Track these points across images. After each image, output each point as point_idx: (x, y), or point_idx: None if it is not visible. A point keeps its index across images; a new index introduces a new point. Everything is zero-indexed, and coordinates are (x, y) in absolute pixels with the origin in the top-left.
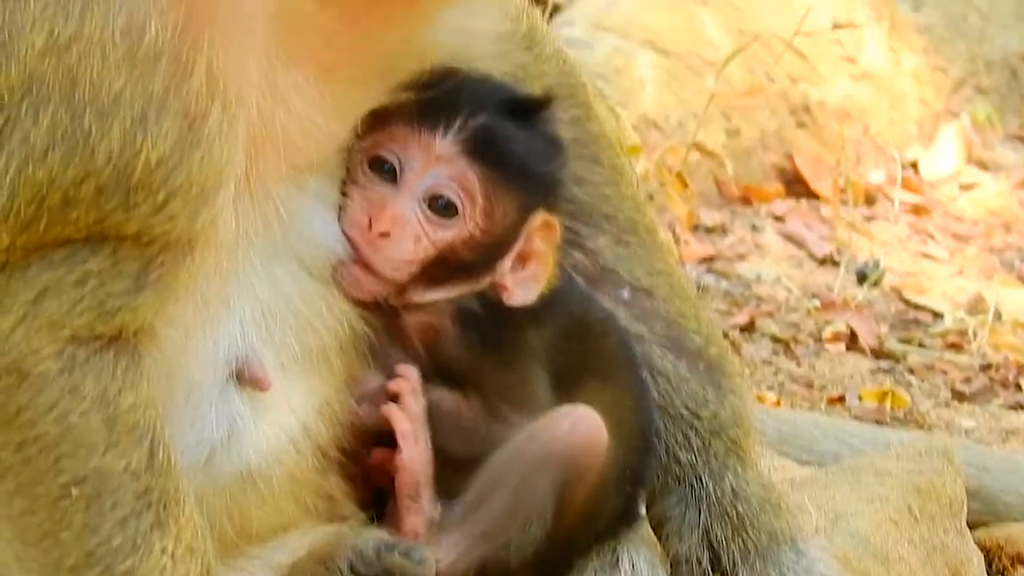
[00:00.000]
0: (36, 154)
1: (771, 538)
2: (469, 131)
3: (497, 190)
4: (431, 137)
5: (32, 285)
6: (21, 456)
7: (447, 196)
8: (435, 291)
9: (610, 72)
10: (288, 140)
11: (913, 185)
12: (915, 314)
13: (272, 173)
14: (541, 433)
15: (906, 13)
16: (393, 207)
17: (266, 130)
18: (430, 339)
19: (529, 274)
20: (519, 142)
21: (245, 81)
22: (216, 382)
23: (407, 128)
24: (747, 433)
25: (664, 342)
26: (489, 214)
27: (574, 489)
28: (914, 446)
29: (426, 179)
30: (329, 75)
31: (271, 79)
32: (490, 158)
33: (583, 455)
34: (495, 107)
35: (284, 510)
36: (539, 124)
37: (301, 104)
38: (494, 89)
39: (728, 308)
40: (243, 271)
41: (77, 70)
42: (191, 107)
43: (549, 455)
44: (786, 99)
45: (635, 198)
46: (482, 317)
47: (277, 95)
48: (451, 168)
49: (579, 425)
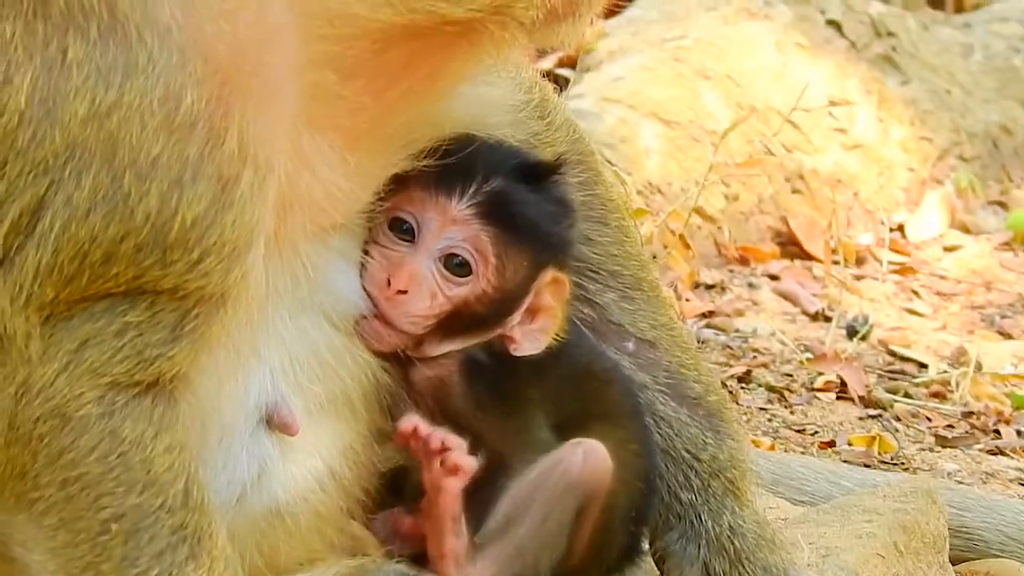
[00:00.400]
0: (79, 214)
1: (766, 572)
2: (483, 195)
3: (509, 250)
4: (447, 201)
5: (75, 335)
6: (64, 494)
7: (461, 256)
8: (449, 343)
9: (617, 141)
10: (314, 202)
11: (900, 247)
12: (901, 365)
13: (299, 233)
14: (560, 463)
15: (894, 87)
16: (411, 265)
17: (293, 193)
18: (439, 392)
19: (538, 327)
20: (530, 205)
21: (274, 148)
22: (247, 426)
23: (425, 192)
24: (743, 474)
25: (666, 390)
26: (501, 272)
27: (587, 513)
28: (900, 487)
29: (442, 240)
30: (353, 144)
31: (298, 146)
32: (502, 220)
33: (594, 482)
34: (508, 172)
35: (310, 545)
36: (550, 187)
37: (326, 170)
38: (507, 155)
39: (726, 360)
40: (272, 323)
41: (117, 136)
42: (224, 171)
43: (568, 483)
44: (782, 167)
45: (640, 257)
46: (487, 369)
47: (304, 161)
48: (465, 230)
49: (590, 456)
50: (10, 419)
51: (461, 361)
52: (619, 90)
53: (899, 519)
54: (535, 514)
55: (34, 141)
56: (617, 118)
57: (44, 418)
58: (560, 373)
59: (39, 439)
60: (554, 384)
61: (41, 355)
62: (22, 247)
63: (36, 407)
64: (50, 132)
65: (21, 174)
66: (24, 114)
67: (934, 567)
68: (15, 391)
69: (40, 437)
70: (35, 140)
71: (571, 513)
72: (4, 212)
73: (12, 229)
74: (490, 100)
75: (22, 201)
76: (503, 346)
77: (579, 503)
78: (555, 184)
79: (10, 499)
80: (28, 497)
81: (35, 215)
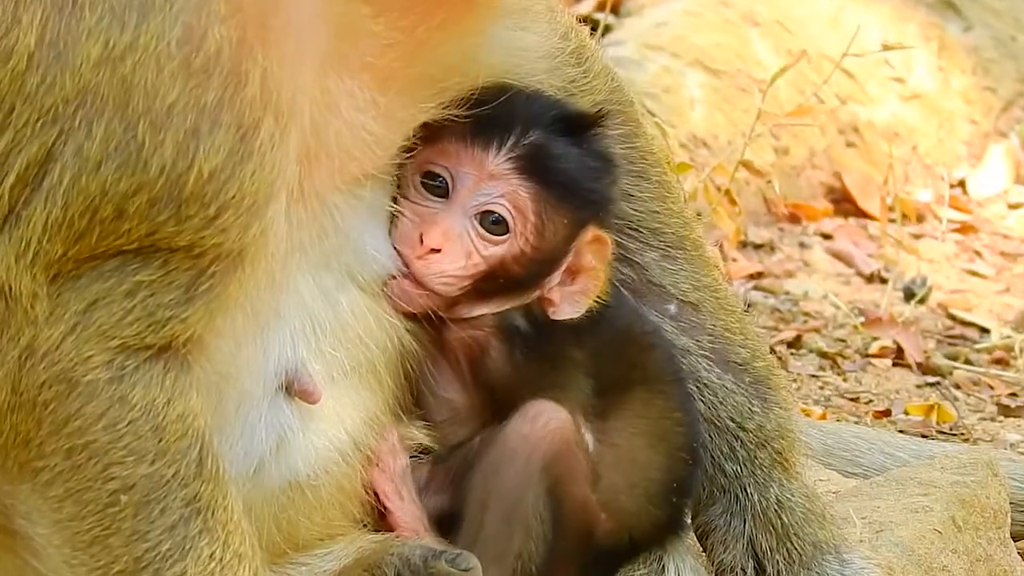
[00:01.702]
0: (89, 166)
1: (815, 548)
2: (522, 148)
3: (548, 207)
4: (484, 154)
5: (83, 296)
6: (70, 463)
7: (498, 213)
8: (484, 305)
9: (659, 91)
10: (342, 149)
11: (961, 204)
12: (961, 330)
13: (324, 185)
14: (506, 443)
15: (955, 34)
16: (444, 223)
17: (319, 140)
18: (474, 354)
19: (578, 288)
20: (571, 160)
21: (299, 91)
22: (266, 394)
23: (460, 144)
24: (792, 445)
25: (710, 355)
26: (540, 231)
27: (562, 481)
28: (959, 458)
29: (478, 196)
30: (383, 84)
31: (325, 88)
32: (542, 176)
33: (553, 446)
34: (548, 124)
35: (331, 520)
36: (591, 141)
37: (355, 113)
38: (547, 106)
39: (775, 324)
40: (294, 283)
41: (132, 81)
42: (244, 119)
43: (520, 459)
44: (835, 118)
45: (682, 214)
46: (526, 333)
47: (331, 104)
48: (503, 185)
49: (538, 419)
50: (13, 384)
51: (498, 323)
52: (662, 36)
53: (958, 492)
54: (496, 504)
55: (43, 86)
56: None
57: (49, 383)
58: (599, 337)
59: (44, 405)
60: (593, 349)
61: (47, 316)
62: (29, 201)
63: (41, 371)
64: (60, 76)
65: (28, 122)
66: (33, 56)
67: (995, 543)
68: (19, 354)
69: (45, 403)
70: (44, 85)
71: (537, 487)
72: (10, 163)
73: (18, 182)
74: (525, 45)
75: (29, 152)
76: (541, 309)
77: (544, 475)
78: (596, 137)
79: (13, 469)
80: (32, 467)
81: (43, 167)
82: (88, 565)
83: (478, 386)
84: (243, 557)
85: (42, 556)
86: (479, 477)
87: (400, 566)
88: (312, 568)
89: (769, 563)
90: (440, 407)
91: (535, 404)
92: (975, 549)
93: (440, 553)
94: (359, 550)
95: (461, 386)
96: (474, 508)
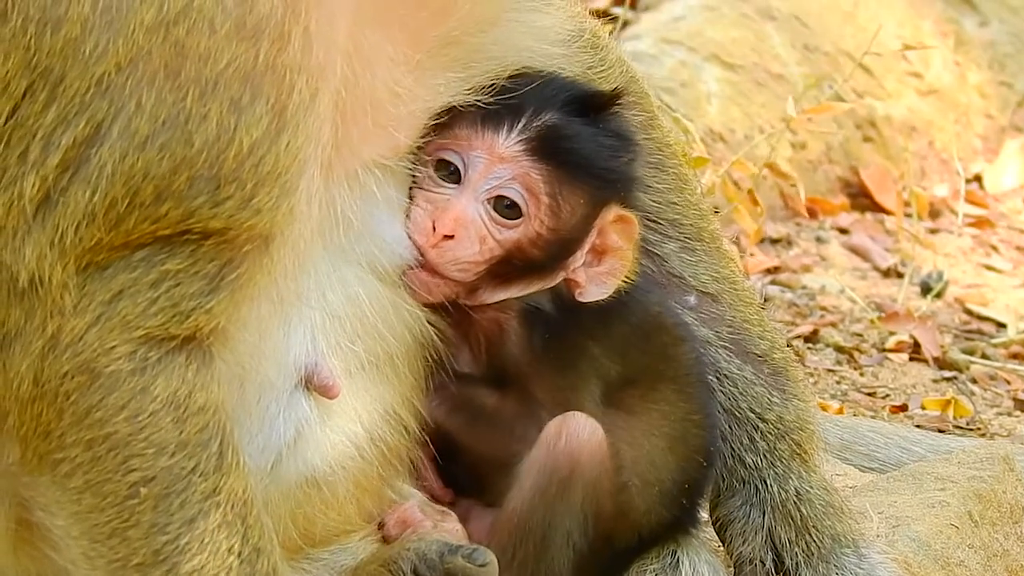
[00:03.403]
0: (136, 142)
1: (834, 541)
2: (533, 130)
3: (563, 188)
4: (494, 137)
5: (109, 286)
6: (90, 454)
7: (511, 196)
8: (506, 289)
9: (676, 85)
10: (376, 102)
11: (977, 199)
12: (978, 325)
13: (356, 154)
14: (545, 463)
15: (971, 29)
16: (456, 209)
17: (352, 94)
18: (494, 337)
19: (605, 269)
20: (585, 138)
21: (332, 46)
22: (286, 387)
23: (471, 129)
24: (811, 437)
25: (730, 346)
26: (555, 212)
27: (596, 496)
28: (975, 453)
29: (489, 180)
30: (416, 41)
31: (359, 43)
32: (554, 156)
33: (586, 460)
34: (561, 104)
35: (347, 516)
36: (607, 120)
37: (389, 65)
38: (560, 87)
39: (792, 318)
40: (314, 276)
41: (185, 45)
42: (282, 85)
43: (560, 479)
44: (852, 114)
45: (699, 205)
46: (549, 317)
47: (363, 58)
48: (514, 167)
49: (571, 437)
50: (36, 375)
51: (522, 307)
52: (679, 31)
53: (974, 487)
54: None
55: (95, 52)
56: (677, 61)
57: (71, 374)
58: (629, 323)
59: (65, 396)
60: (622, 335)
61: (74, 307)
62: (69, 185)
63: (64, 362)
64: (113, 43)
65: (78, 93)
66: (88, 22)
67: (1011, 538)
68: (43, 345)
69: (67, 394)
70: (96, 51)
71: (574, 506)
72: (55, 142)
73: (61, 163)
74: (545, 26)
75: (76, 128)
76: (569, 292)
77: (581, 494)
78: (613, 116)
79: (33, 460)
80: (52, 458)
81: (87, 148)
82: (106, 557)
83: (492, 366)
84: (262, 551)
85: (60, 548)
86: (518, 503)
87: (417, 561)
88: (328, 563)
89: (788, 555)
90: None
91: (568, 418)
92: (992, 544)
93: (456, 548)
94: (376, 545)
95: (476, 364)
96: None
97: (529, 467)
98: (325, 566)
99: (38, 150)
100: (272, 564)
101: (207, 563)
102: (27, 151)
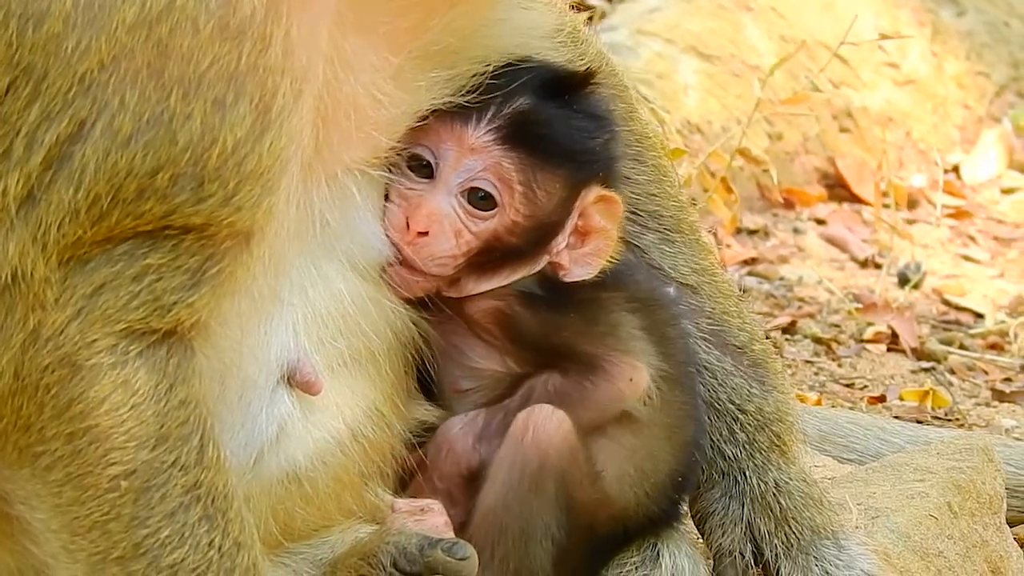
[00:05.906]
0: (119, 141)
1: (814, 532)
2: (503, 118)
3: (537, 173)
4: (463, 129)
5: (90, 280)
6: (71, 447)
7: (483, 188)
8: (491, 279)
9: (653, 77)
10: (357, 107)
11: (955, 189)
12: (956, 315)
13: (337, 155)
14: (510, 454)
15: (948, 19)
16: (429, 205)
17: (334, 98)
18: (502, 321)
19: (589, 250)
20: (557, 122)
21: (314, 50)
22: (268, 383)
23: (441, 122)
24: (790, 428)
25: (710, 337)
26: (530, 199)
27: (569, 486)
28: (954, 444)
29: (460, 172)
30: (396, 46)
31: (340, 48)
32: (525, 142)
33: (554, 452)
34: (532, 89)
35: (327, 511)
36: (580, 100)
37: (370, 71)
38: (529, 71)
39: (770, 310)
40: (296, 272)
41: (168, 44)
42: (265, 86)
43: (525, 472)
44: (829, 104)
45: (678, 197)
46: (544, 295)
47: (345, 62)
48: (485, 158)
49: (537, 430)
50: (16, 368)
51: (515, 290)
52: (655, 22)
53: (953, 478)
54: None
55: (78, 50)
56: (654, 52)
57: (52, 367)
58: (626, 296)
59: (46, 389)
60: (625, 299)
61: (56, 301)
62: (53, 182)
63: (45, 355)
64: (96, 40)
65: (60, 91)
66: (70, 18)
67: (990, 529)
68: (24, 339)
69: (47, 387)
70: (79, 49)
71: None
72: (39, 138)
73: (44, 161)
74: (530, 23)
75: (59, 126)
76: (554, 273)
77: (554, 485)
78: (587, 97)
79: (13, 453)
80: (33, 451)
81: (71, 145)
82: (87, 550)
83: (518, 348)
84: (242, 546)
85: (41, 541)
86: (489, 500)
87: (396, 555)
88: (308, 557)
89: (767, 547)
90: (470, 377)
91: (534, 411)
92: (971, 535)
93: (436, 542)
94: (356, 538)
95: (498, 353)
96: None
97: (499, 464)
98: (304, 560)
99: (22, 148)
100: (252, 558)
101: (187, 556)
102: (10, 148)
